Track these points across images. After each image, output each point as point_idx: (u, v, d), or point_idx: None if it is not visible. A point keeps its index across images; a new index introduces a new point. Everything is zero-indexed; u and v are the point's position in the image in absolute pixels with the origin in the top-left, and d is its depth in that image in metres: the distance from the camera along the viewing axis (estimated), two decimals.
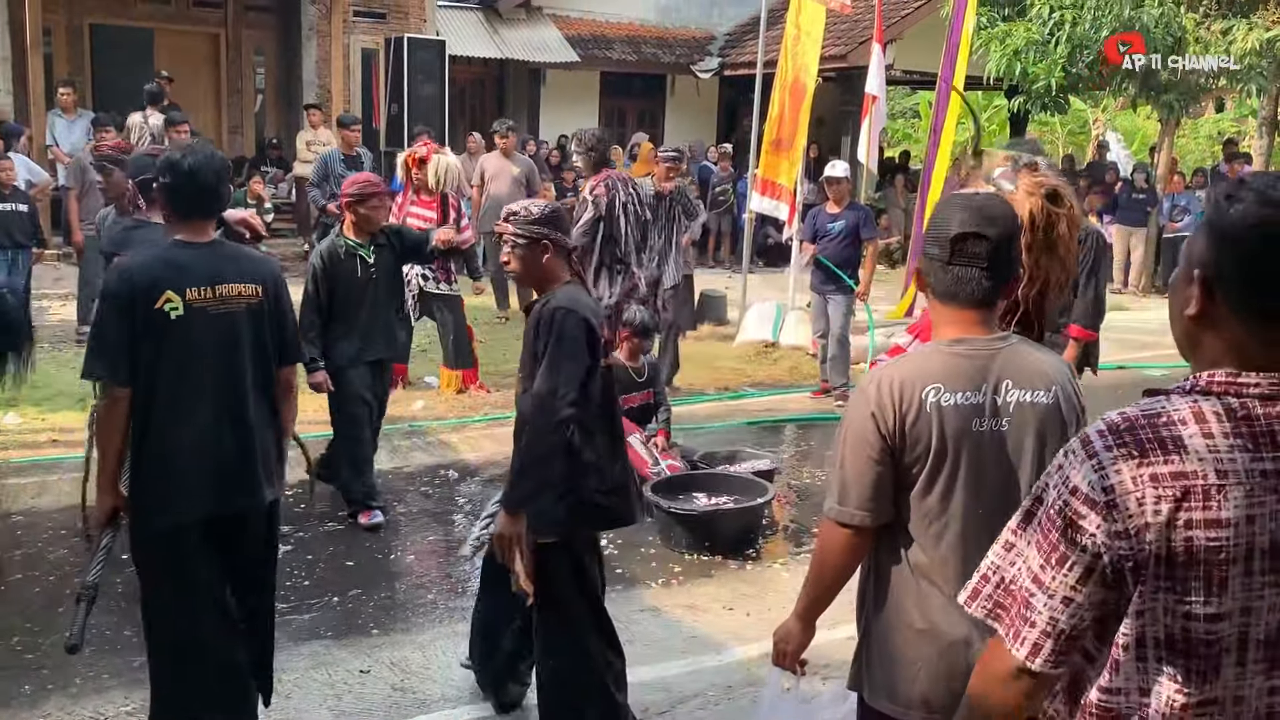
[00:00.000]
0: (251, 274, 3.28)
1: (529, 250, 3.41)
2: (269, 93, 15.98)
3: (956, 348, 2.20)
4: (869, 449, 2.19)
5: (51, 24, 13.42)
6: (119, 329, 3.08)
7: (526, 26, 17.55)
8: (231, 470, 3.24)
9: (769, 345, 10.01)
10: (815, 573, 2.33)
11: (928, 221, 2.29)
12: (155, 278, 3.11)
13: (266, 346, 3.31)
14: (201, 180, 3.20)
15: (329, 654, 4.19)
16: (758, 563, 5.36)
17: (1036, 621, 1.52)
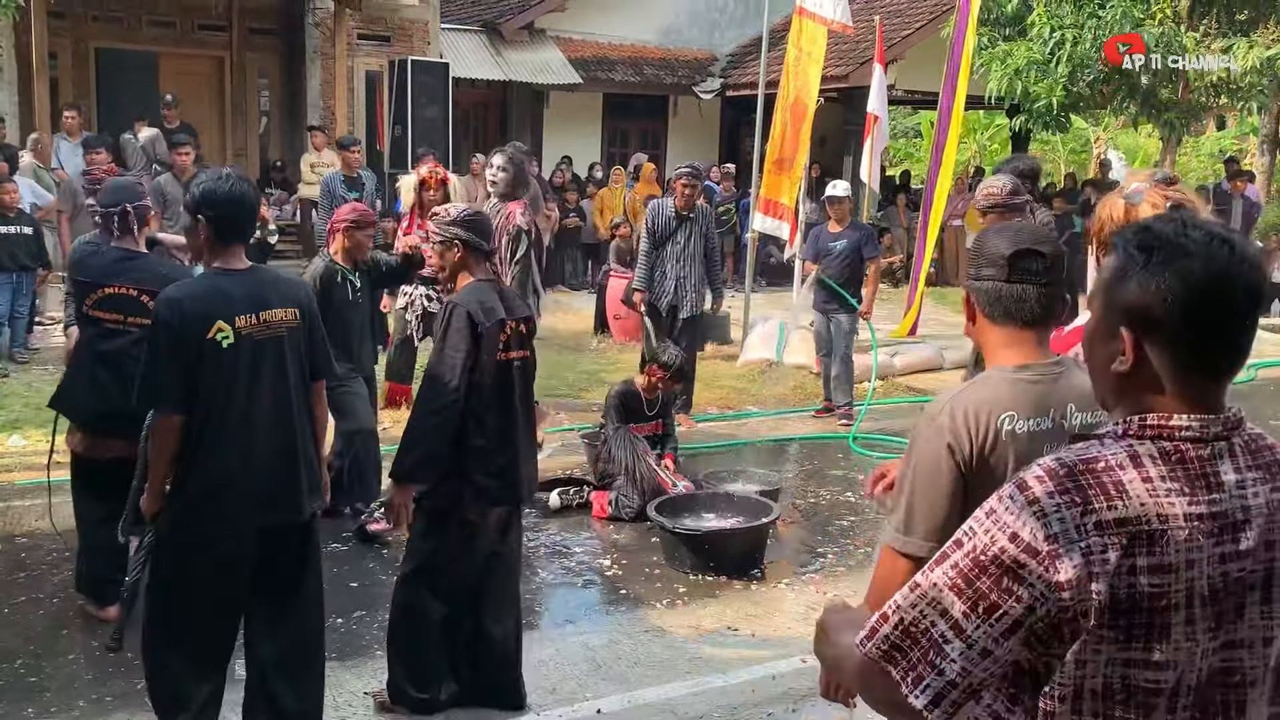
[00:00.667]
0: (291, 298, 3.41)
1: (445, 249, 3.85)
2: (273, 115, 16.05)
3: (1023, 374, 2.18)
4: (943, 480, 2.12)
5: (57, 47, 13.49)
6: (173, 359, 3.16)
7: (530, 49, 17.64)
8: (279, 487, 3.36)
9: (772, 364, 10.00)
10: (874, 602, 2.21)
11: (972, 255, 2.30)
12: (207, 308, 3.19)
13: (304, 366, 3.43)
14: (246, 205, 3.33)
15: (333, 675, 4.16)
16: (763, 583, 5.35)
17: (946, 671, 1.43)
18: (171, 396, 3.19)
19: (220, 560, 3.31)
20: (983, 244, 2.27)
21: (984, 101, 14.20)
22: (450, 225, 3.83)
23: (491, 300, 3.78)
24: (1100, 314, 1.51)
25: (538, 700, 4.09)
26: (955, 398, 2.20)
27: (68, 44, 14.03)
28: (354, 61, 15.08)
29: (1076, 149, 27.55)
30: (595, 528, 6.02)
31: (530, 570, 5.43)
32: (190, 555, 3.29)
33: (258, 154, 15.93)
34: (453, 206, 4.13)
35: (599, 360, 10.26)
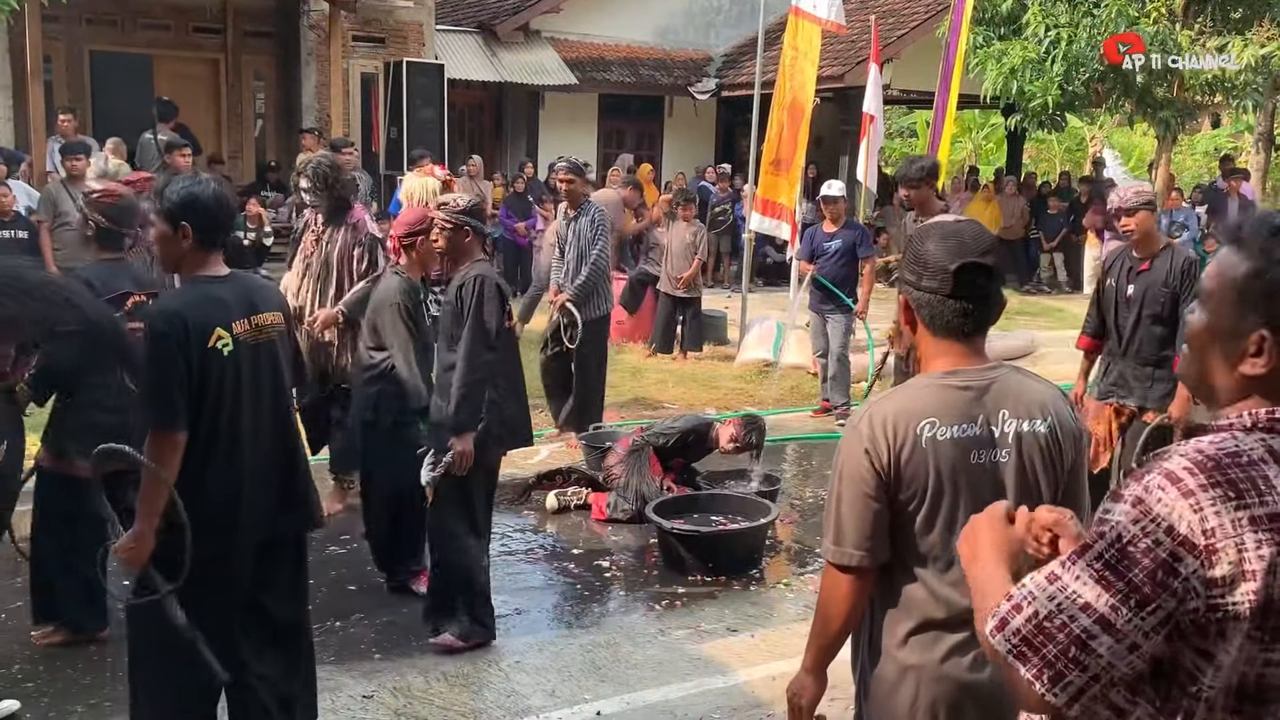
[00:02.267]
0: (275, 302, 3.38)
1: (456, 233, 4.43)
2: (269, 117, 16.03)
3: (950, 379, 2.15)
4: (864, 486, 2.14)
5: (52, 51, 13.45)
6: (173, 373, 3.03)
7: (525, 50, 17.63)
8: (286, 493, 3.32)
9: (769, 365, 10.00)
10: (820, 620, 2.25)
11: (910, 258, 2.19)
12: (206, 316, 3.08)
13: (288, 371, 3.40)
14: (225, 210, 3.27)
15: (332, 679, 4.16)
16: (762, 584, 5.34)
17: (1089, 666, 1.40)
18: (178, 412, 3.04)
19: (227, 577, 3.20)
20: (923, 250, 2.17)
21: (979, 101, 14.20)
22: (461, 214, 4.46)
23: (493, 274, 4.45)
24: (1228, 314, 1.47)
25: (538, 703, 4.09)
26: (874, 405, 2.19)
27: (62, 47, 13.99)
28: (349, 64, 15.06)
29: (1071, 148, 27.57)
30: (593, 529, 6.01)
31: (529, 572, 5.43)
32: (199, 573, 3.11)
33: (253, 156, 15.90)
34: (460, 197, 4.77)
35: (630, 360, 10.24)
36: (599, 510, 6.12)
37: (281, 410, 3.32)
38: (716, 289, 14.82)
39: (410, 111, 14.39)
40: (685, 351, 10.47)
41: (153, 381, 3.08)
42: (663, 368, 10.00)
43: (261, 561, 3.30)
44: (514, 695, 4.16)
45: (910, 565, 2.18)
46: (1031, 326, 12.80)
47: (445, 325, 4.42)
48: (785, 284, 13.32)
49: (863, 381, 8.97)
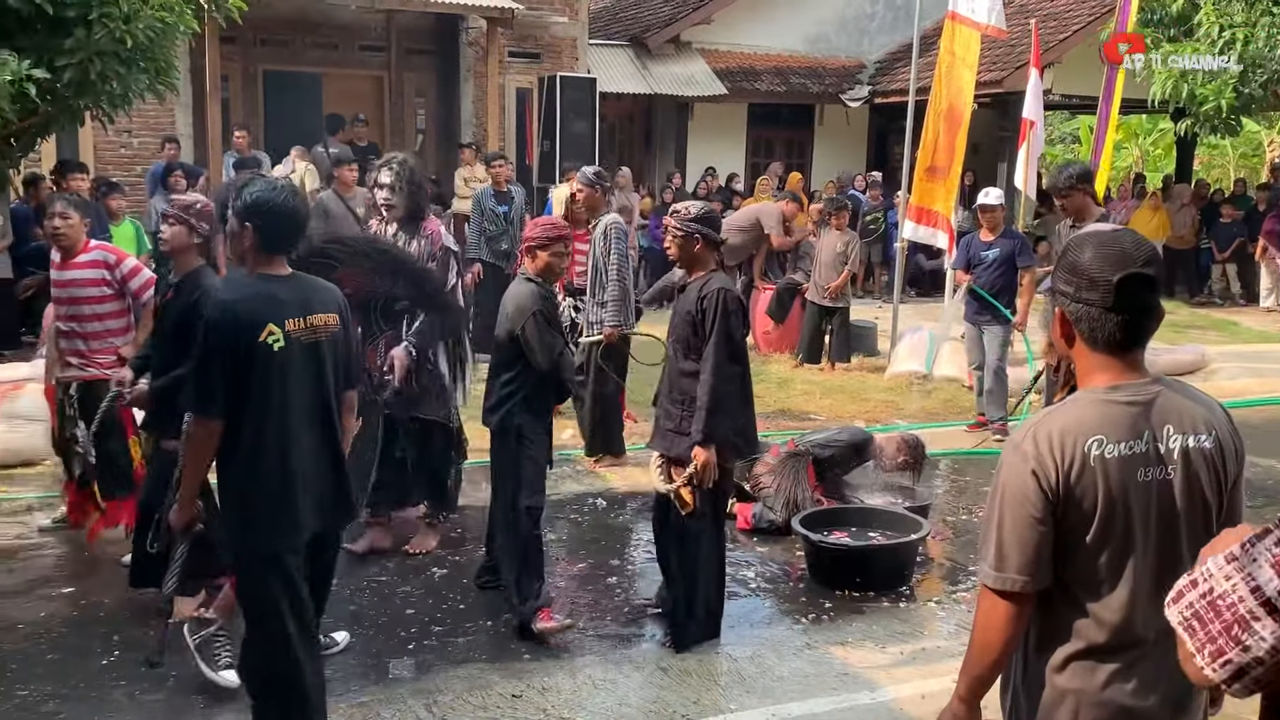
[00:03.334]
0: (331, 303, 3.44)
1: (685, 241, 4.43)
2: (429, 132, 16.54)
3: (1114, 394, 2.07)
4: (1030, 509, 2.05)
5: (229, 71, 14.21)
6: (220, 364, 3.16)
7: (675, 61, 17.75)
8: (331, 491, 3.39)
9: (921, 377, 9.80)
10: (976, 648, 2.16)
11: (1066, 268, 2.11)
12: (257, 311, 3.19)
13: (340, 372, 3.45)
14: (299, 216, 3.36)
15: (483, 677, 4.27)
16: (912, 601, 5.23)
17: (1251, 647, 1.40)
18: (216, 401, 3.17)
19: (292, 567, 3.31)
20: (1080, 260, 2.08)
21: (1147, 105, 13.62)
22: (692, 221, 4.44)
23: (733, 286, 4.52)
24: None
25: (681, 710, 4.10)
26: (1039, 422, 2.10)
27: (238, 67, 14.75)
28: (505, 79, 15.44)
29: (1248, 153, 26.18)
30: (739, 539, 5.99)
31: None
32: (270, 565, 3.28)
33: None
34: (692, 204, 4.64)
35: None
36: (744, 520, 6.10)
37: (326, 408, 3.37)
38: (866, 299, 14.61)
39: (563, 124, 14.65)
40: (833, 362, 10.35)
41: (198, 368, 3.23)
42: (810, 379, 9.91)
43: (311, 555, 3.42)
44: (658, 701, 4.17)
45: (1072, 589, 2.10)
46: (1202, 340, 12.20)
47: (681, 332, 4.45)
48: (938, 294, 13.05)
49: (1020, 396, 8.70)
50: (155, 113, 12.53)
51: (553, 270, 4.74)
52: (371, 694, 4.12)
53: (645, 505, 6.29)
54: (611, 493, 6.73)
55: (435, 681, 4.22)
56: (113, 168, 12.44)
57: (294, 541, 3.30)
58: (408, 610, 4.86)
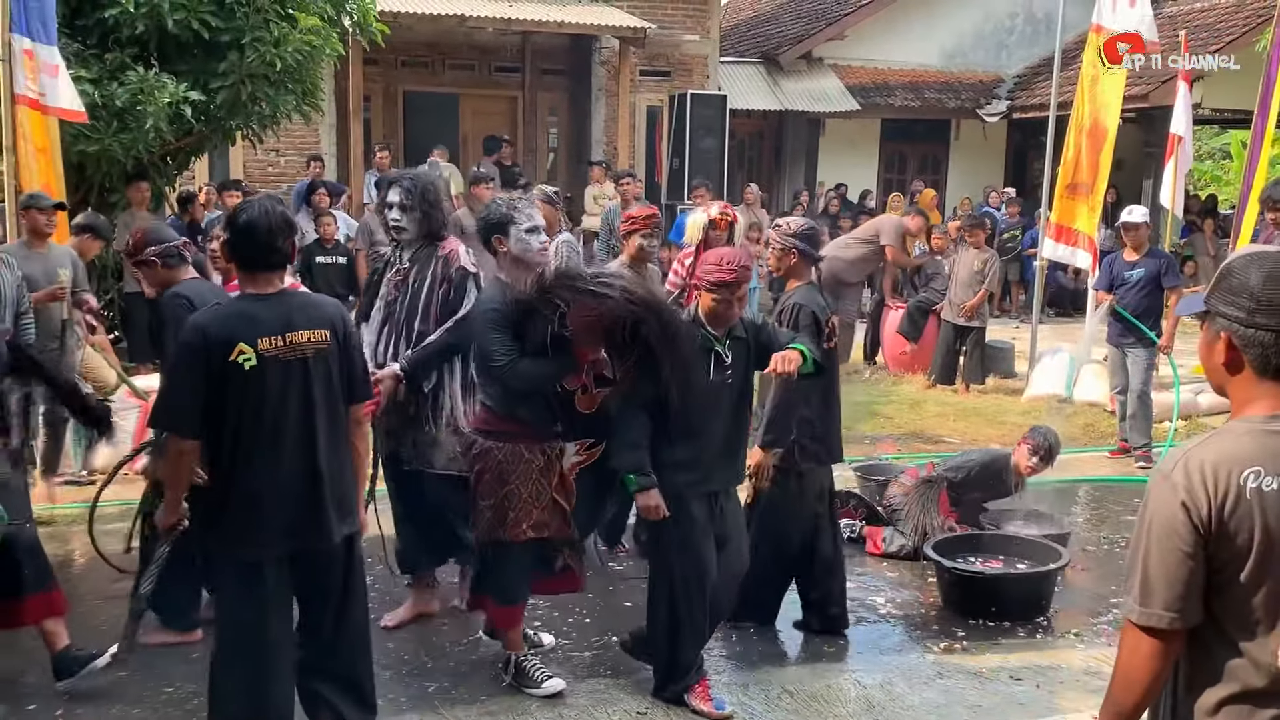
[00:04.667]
0: (320, 320, 3.38)
1: (783, 254, 4.64)
2: (561, 150, 16.81)
3: (1273, 424, 1.95)
4: (1179, 542, 1.94)
5: (371, 91, 14.69)
6: (190, 382, 3.20)
7: (807, 77, 17.65)
8: (305, 511, 3.35)
9: (1061, 401, 9.48)
10: (1118, 685, 2.05)
11: (1235, 291, 1.99)
12: (229, 331, 3.21)
13: (336, 388, 3.41)
14: (259, 234, 3.30)
15: (608, 693, 4.28)
16: (1048, 633, 5.05)
17: None
18: (186, 420, 3.22)
19: (263, 580, 3.34)
20: (1250, 282, 1.96)
21: None
22: (791, 236, 4.67)
23: (818, 299, 4.66)
24: None
25: None
26: (1191, 452, 1.98)
27: (379, 88, 15.24)
28: (636, 97, 15.58)
29: None
30: (869, 564, 5.88)
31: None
32: (239, 571, 3.35)
33: None
34: (794, 220, 4.94)
35: (871, 391, 10.05)
36: (875, 544, 5.98)
37: (308, 427, 3.32)
38: (1003, 319, 14.23)
39: (692, 142, 14.71)
40: (967, 384, 10.10)
41: (167, 387, 3.29)
42: (943, 400, 9.69)
43: (307, 572, 3.42)
44: None
45: (1226, 628, 1.97)
46: None
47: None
48: (1079, 314, 12.64)
49: (1166, 422, 8.35)
50: (301, 133, 13.02)
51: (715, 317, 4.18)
52: (500, 702, 4.17)
53: None
54: None
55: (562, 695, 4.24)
56: (261, 185, 12.96)
57: (262, 553, 3.32)
58: (535, 621, 4.90)
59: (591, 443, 4.13)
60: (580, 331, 3.90)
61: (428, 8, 13.43)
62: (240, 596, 3.36)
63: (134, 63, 6.98)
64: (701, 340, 4.05)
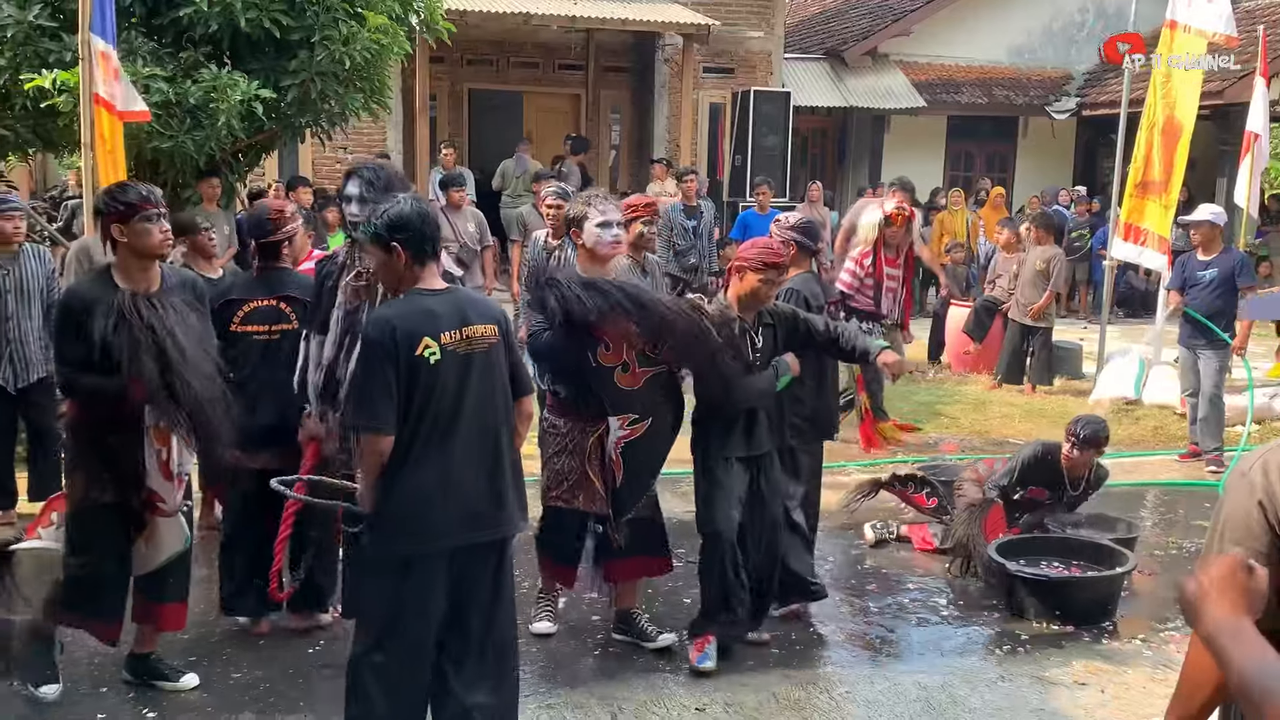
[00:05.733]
0: (488, 315, 3.44)
1: (782, 246, 4.74)
2: (623, 147, 16.84)
3: None
4: (1253, 541, 1.89)
5: (436, 90, 14.84)
6: (384, 379, 3.20)
7: (872, 74, 17.50)
8: (476, 504, 3.35)
9: (1129, 403, 9.31)
10: (1184, 688, 2.02)
11: None
12: (414, 326, 3.23)
13: (505, 381, 3.46)
14: (429, 224, 3.37)
15: (667, 688, 4.29)
16: (1114, 637, 4.97)
17: None
18: (382, 416, 3.22)
19: (421, 580, 3.31)
20: None
21: None
22: (789, 229, 5.09)
23: (814, 287, 5.11)
24: None
25: None
26: (1270, 452, 1.93)
27: (445, 86, 15.39)
28: (699, 94, 15.57)
29: None
30: (928, 564, 5.81)
31: (860, 602, 5.34)
32: (392, 575, 3.30)
33: (608, 185, 16.75)
34: (791, 215, 5.36)
35: (935, 391, 9.95)
36: (923, 540, 5.93)
37: (486, 419, 3.36)
38: (1071, 319, 14.00)
39: (755, 139, 14.67)
40: (1034, 384, 9.95)
41: (360, 385, 3.28)
42: (1008, 400, 9.56)
43: (462, 571, 3.37)
44: None
45: None
46: None
47: None
48: (1149, 315, 12.39)
49: (1239, 426, 8.17)
50: (369, 130, 13.20)
51: (747, 301, 4.44)
52: (560, 696, 4.21)
53: (839, 525, 6.21)
54: None
55: (619, 689, 4.27)
56: (329, 183, 13.15)
57: (428, 547, 3.30)
58: (593, 617, 4.93)
59: (635, 418, 4.31)
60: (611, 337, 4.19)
61: (493, 6, 13.53)
62: (393, 593, 3.32)
63: (207, 61, 7.10)
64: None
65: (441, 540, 3.31)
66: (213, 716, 4.02)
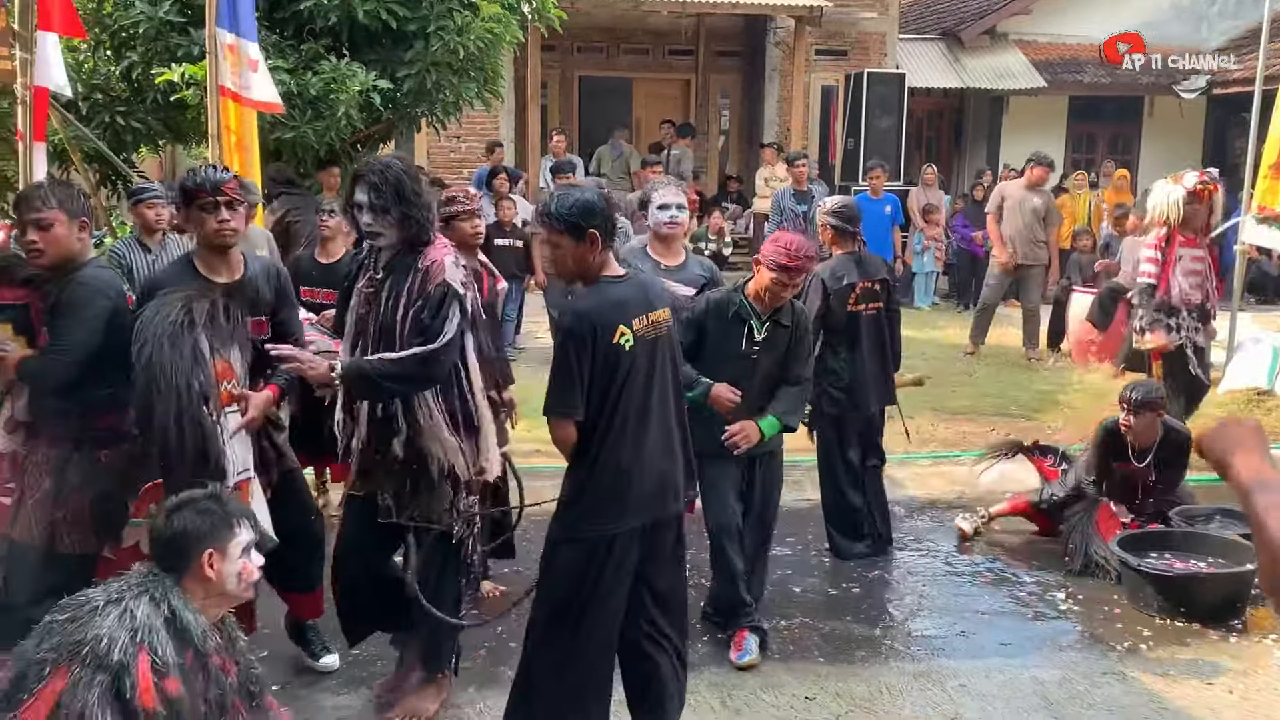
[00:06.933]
0: (664, 299, 3.55)
1: (822, 229, 5.51)
2: (732, 132, 16.77)
3: None
4: None
5: (547, 78, 14.97)
6: (579, 367, 3.25)
7: (990, 54, 17.06)
8: (662, 482, 3.44)
9: (1261, 393, 8.91)
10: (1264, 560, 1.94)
11: None
12: (610, 316, 3.29)
13: (680, 361, 3.55)
14: (613, 208, 3.45)
15: (776, 676, 4.27)
16: (1244, 635, 4.78)
17: None
18: (574, 404, 3.26)
19: (617, 556, 3.35)
20: None
21: None
22: (826, 213, 5.46)
23: (846, 269, 5.32)
24: None
25: None
26: None
27: (556, 74, 15.52)
28: (810, 77, 15.39)
29: None
30: (1041, 558, 5.65)
31: (975, 594, 5.24)
32: (591, 552, 3.34)
33: (716, 170, 16.70)
34: (831, 199, 5.84)
35: (1054, 380, 9.68)
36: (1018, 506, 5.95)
37: (666, 400, 3.44)
38: None
39: (869, 122, 14.42)
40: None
41: (557, 372, 3.30)
42: None
43: (650, 542, 3.44)
44: (957, 718, 4.03)
45: None
46: None
47: None
48: None
49: None
50: (481, 119, 13.37)
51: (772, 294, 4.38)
52: None
53: (944, 515, 6.10)
54: (909, 499, 6.55)
55: (729, 676, 4.27)
56: (443, 171, 13.39)
57: (620, 528, 3.36)
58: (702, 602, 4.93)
59: None
60: None
61: None
62: (582, 574, 3.35)
63: (327, 53, 7.29)
64: (738, 308, 4.42)
65: (639, 517, 3.38)
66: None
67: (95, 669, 2.58)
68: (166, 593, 2.76)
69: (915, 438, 7.69)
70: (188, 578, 2.81)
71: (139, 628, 2.66)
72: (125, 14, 7.25)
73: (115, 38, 7.51)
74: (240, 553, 2.89)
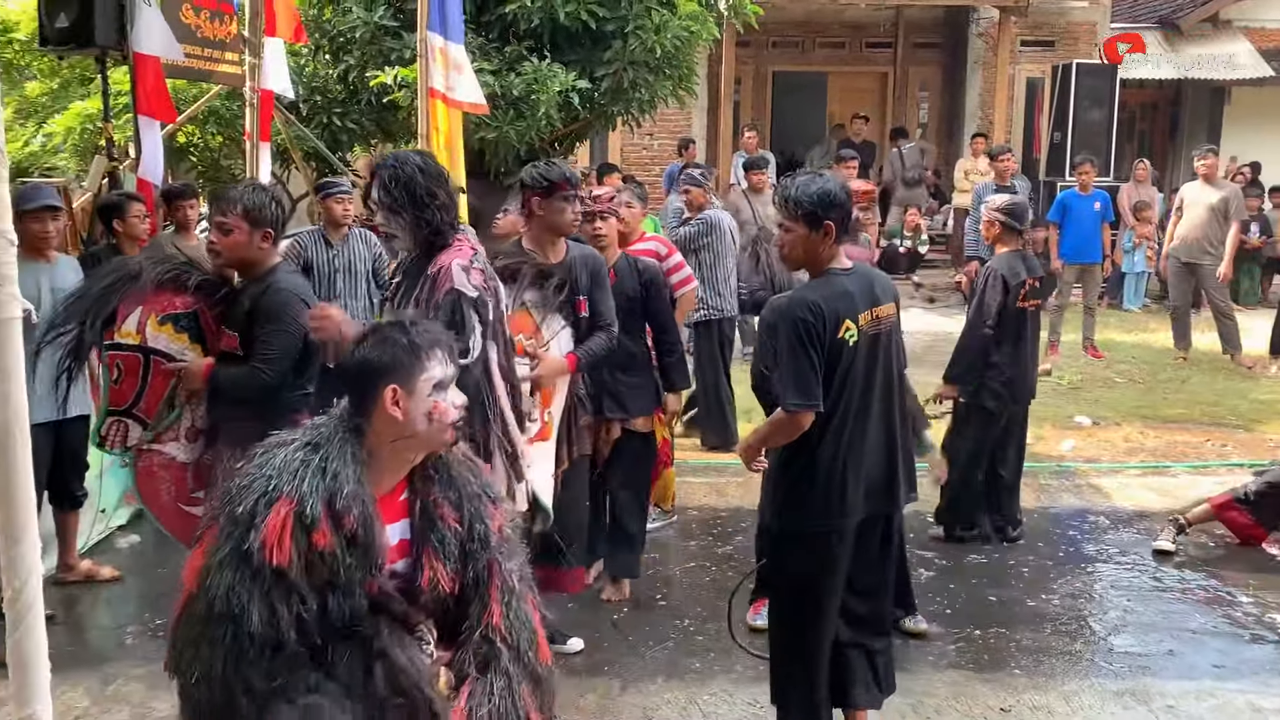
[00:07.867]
0: (891, 293, 3.47)
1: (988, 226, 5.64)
2: (931, 125, 16.34)
3: None
4: None
5: (741, 74, 14.95)
6: (811, 359, 3.21)
7: (1212, 41, 16.05)
8: (885, 477, 3.40)
9: None
10: None
11: None
12: (836, 309, 3.24)
13: (902, 356, 3.48)
14: (852, 200, 3.39)
15: (970, 686, 4.16)
16: None
17: None
18: (811, 394, 3.22)
19: (834, 552, 3.34)
20: None
21: None
22: (994, 210, 5.57)
23: (1016, 265, 5.44)
24: None
25: None
26: None
27: (750, 70, 15.48)
28: (1015, 69, 14.85)
29: None
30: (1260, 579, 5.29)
31: (1185, 611, 4.96)
32: (811, 546, 3.35)
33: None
34: (998, 197, 5.98)
35: (1277, 389, 9.05)
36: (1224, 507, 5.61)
37: (887, 396, 3.39)
38: None
39: (1076, 114, 13.78)
40: None
41: (791, 366, 3.24)
42: None
43: (860, 540, 3.41)
44: None
45: None
46: None
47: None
48: None
49: None
50: (674, 116, 13.46)
51: None
52: None
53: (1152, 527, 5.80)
54: (1114, 510, 6.25)
55: (921, 684, 4.17)
56: (635, 168, 13.56)
57: (841, 524, 3.34)
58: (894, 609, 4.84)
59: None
60: None
61: None
62: (811, 566, 3.40)
63: (529, 54, 7.48)
64: None
65: (854, 516, 3.36)
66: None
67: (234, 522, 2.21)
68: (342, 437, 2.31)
69: (1124, 446, 7.38)
70: (375, 417, 2.32)
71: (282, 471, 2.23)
72: (343, 19, 7.62)
73: (333, 42, 7.90)
74: (431, 389, 2.33)
